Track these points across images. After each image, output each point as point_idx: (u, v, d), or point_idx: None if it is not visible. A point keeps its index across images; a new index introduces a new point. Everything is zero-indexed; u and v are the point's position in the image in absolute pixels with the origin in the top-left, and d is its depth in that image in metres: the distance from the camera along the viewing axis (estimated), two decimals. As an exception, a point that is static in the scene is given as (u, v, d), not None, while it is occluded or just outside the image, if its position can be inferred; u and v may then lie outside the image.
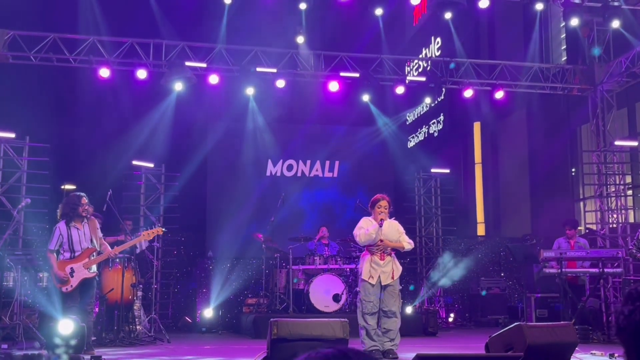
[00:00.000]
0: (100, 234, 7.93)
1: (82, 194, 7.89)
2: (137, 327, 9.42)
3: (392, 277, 7.32)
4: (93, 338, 8.23)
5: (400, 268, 7.51)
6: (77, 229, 7.71)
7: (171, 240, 12.67)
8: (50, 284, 8.26)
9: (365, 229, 7.34)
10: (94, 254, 7.71)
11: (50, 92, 14.25)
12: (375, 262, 7.31)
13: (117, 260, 9.10)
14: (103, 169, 13.49)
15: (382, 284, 7.27)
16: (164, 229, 8.80)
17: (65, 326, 6.60)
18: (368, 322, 7.23)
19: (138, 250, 10.11)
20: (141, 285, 10.01)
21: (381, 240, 7.32)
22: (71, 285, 7.53)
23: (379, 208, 7.39)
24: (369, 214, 7.68)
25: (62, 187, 13.80)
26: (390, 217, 7.53)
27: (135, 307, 9.47)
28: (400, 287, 7.57)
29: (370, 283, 7.23)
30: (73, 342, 6.56)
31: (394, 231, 7.47)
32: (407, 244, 7.49)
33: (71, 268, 7.56)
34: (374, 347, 7.20)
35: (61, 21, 12.11)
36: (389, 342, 7.30)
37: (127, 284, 8.92)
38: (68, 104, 14.76)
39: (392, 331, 7.31)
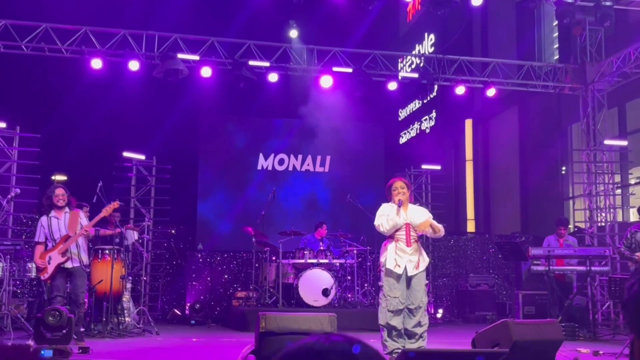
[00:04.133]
0: (84, 223, 8.01)
1: (58, 185, 8.18)
2: (126, 319, 9.41)
3: (417, 267, 6.39)
4: (82, 329, 8.24)
5: (427, 259, 6.57)
6: (57, 218, 7.94)
7: (161, 233, 12.67)
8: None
9: (386, 215, 6.44)
10: (69, 239, 7.83)
11: (42, 82, 14.19)
12: (401, 248, 6.37)
13: (107, 251, 9.10)
14: (94, 160, 13.47)
15: (408, 274, 6.35)
16: (120, 203, 8.71)
17: (53, 317, 6.59)
18: (391, 321, 6.30)
19: (128, 242, 10.11)
20: (130, 277, 10.00)
21: (408, 225, 6.41)
22: (48, 273, 7.77)
23: (394, 190, 6.51)
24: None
25: (53, 177, 13.77)
26: (415, 203, 6.78)
27: (124, 299, 9.46)
28: (427, 282, 6.60)
29: (396, 272, 6.29)
30: (61, 333, 6.55)
31: (420, 214, 6.58)
32: (441, 227, 6.60)
33: (49, 257, 7.81)
34: (397, 350, 6.19)
35: (53, 10, 12.05)
36: (414, 345, 6.36)
37: (116, 275, 8.90)
38: (59, 94, 14.70)
39: (417, 334, 6.38)
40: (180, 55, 11.39)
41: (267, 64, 11.99)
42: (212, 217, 14.33)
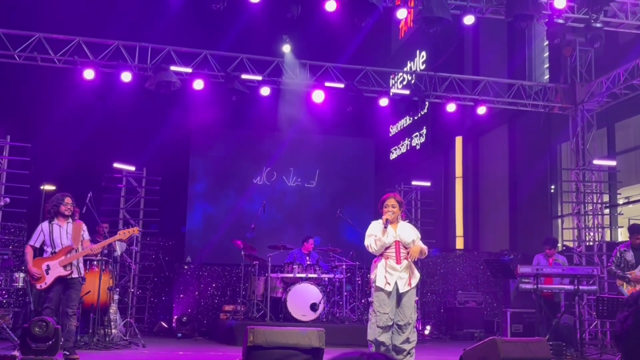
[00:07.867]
0: (86, 237, 7.83)
1: (67, 194, 7.85)
2: (113, 330, 9.35)
3: (409, 284, 6.40)
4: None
5: (418, 275, 6.57)
6: (60, 226, 7.62)
7: (150, 245, 12.61)
8: (27, 284, 8.20)
9: (374, 235, 6.48)
10: (73, 252, 7.60)
11: (34, 91, 14.16)
12: (391, 266, 6.40)
13: (95, 262, 9.04)
14: (84, 171, 13.43)
15: (399, 291, 6.37)
16: (140, 229, 8.70)
17: (40, 327, 6.54)
18: (380, 337, 6.31)
19: (116, 254, 10.06)
20: (118, 289, 9.95)
21: (398, 243, 6.43)
22: (45, 283, 7.39)
23: (385, 207, 6.52)
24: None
25: (42, 187, 13.69)
26: (404, 220, 6.76)
27: (111, 311, 9.41)
28: (416, 299, 6.62)
29: (386, 290, 6.32)
30: (47, 344, 6.50)
31: (408, 233, 6.56)
32: (426, 248, 6.63)
33: (47, 265, 7.43)
34: None
35: (46, 20, 12.06)
36: None
37: (103, 287, 8.86)
38: (51, 104, 14.67)
39: (406, 350, 6.37)
40: (172, 68, 11.41)
41: (259, 77, 12.03)
42: (201, 230, 14.29)
